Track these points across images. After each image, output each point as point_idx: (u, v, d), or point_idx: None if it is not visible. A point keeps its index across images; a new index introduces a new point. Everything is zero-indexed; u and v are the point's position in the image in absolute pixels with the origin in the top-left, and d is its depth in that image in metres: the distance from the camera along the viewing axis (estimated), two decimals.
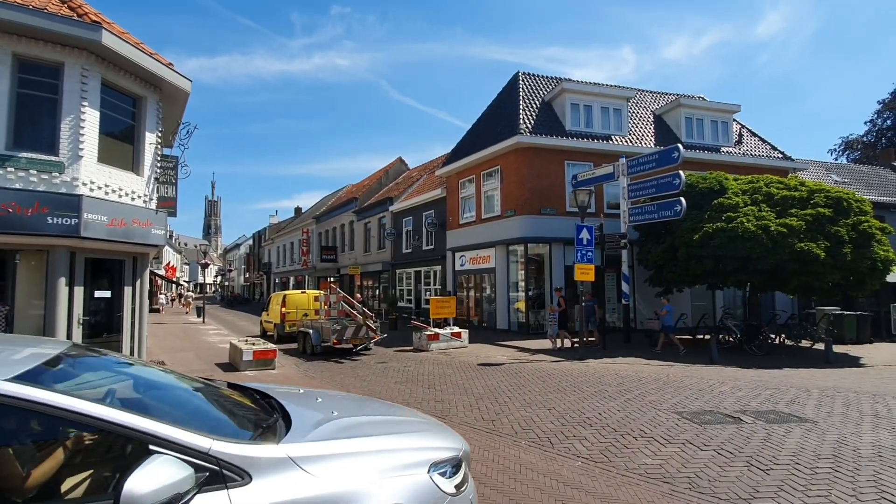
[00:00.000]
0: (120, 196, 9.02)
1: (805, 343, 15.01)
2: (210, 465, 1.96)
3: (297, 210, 54.68)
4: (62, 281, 8.38)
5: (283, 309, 17.24)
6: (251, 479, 2.00)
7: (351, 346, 13.22)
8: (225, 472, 1.97)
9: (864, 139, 40.48)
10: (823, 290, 13.19)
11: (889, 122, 39.38)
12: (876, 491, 4.19)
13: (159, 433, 1.95)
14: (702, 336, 15.08)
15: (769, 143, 21.39)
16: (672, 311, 13.91)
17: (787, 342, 15.15)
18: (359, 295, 17.78)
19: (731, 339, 14.33)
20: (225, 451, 2.01)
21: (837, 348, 13.59)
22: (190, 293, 38.25)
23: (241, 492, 1.97)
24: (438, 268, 22.61)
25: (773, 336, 14.66)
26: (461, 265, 20.56)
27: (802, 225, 12.46)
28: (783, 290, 14.17)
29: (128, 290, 9.75)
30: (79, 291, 8.69)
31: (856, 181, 24.04)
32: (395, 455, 2.45)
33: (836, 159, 40.00)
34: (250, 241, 66.96)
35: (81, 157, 8.29)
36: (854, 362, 12.48)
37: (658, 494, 4.26)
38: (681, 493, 4.26)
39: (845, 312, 16.67)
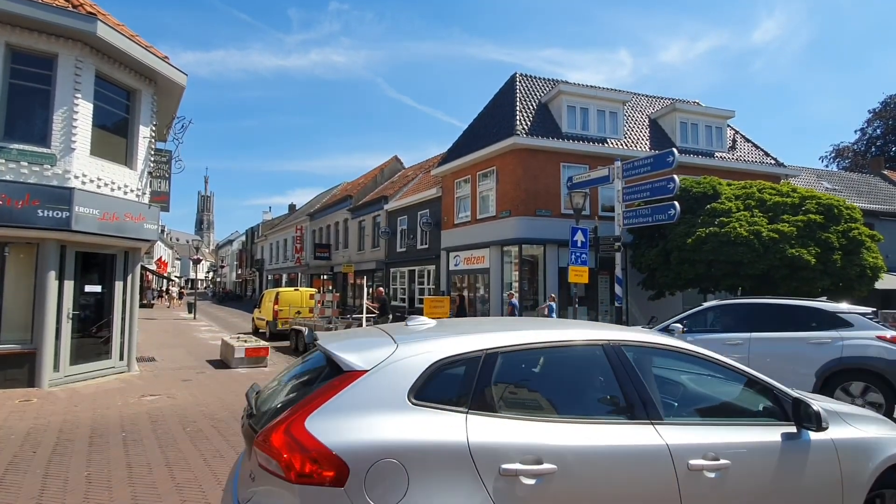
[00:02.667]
0: (112, 190, 8.93)
1: None
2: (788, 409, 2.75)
3: (291, 207, 54.42)
4: (52, 275, 8.28)
5: (276, 306, 17.16)
6: (826, 427, 2.68)
7: None
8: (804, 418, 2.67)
9: (855, 147, 41.01)
10: (813, 295, 13.34)
11: (879, 130, 39.93)
12: None
13: (774, 383, 2.82)
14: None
15: (762, 150, 21.59)
16: (555, 310, 14.39)
17: None
18: (381, 289, 17.67)
19: None
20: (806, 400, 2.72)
21: None
22: (174, 288, 37.69)
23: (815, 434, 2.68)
24: (432, 267, 22.59)
25: None
26: (455, 265, 20.56)
27: (794, 231, 12.60)
28: (774, 296, 14.32)
29: (119, 285, 9.65)
30: (69, 285, 8.60)
31: (846, 188, 24.33)
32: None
33: (827, 166, 40.49)
34: (243, 238, 66.56)
35: (74, 149, 8.20)
36: None
37: None
38: None
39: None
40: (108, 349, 9.46)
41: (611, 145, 18.33)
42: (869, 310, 7.01)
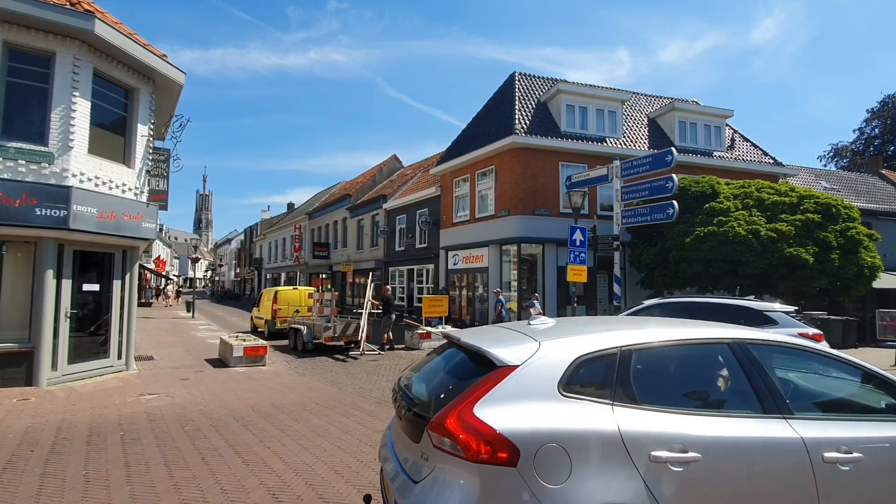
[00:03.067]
0: (110, 188, 8.91)
1: None
2: None
3: (290, 206, 54.35)
4: (50, 273, 8.27)
5: (275, 305, 17.15)
6: None
7: (342, 343, 13.17)
8: None
9: (853, 147, 41.07)
10: (811, 294, 13.38)
11: (877, 130, 39.99)
12: None
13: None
14: None
15: (761, 149, 21.62)
16: (505, 305, 14.77)
17: None
18: (388, 288, 17.60)
19: None
20: None
21: None
22: (171, 286, 37.40)
23: None
24: (431, 266, 22.59)
25: None
26: (454, 264, 20.57)
27: (792, 230, 12.62)
28: (772, 295, 14.33)
29: (117, 284, 9.63)
30: (67, 284, 8.58)
31: (844, 188, 24.38)
32: None
33: (825, 166, 40.56)
34: (241, 237, 66.47)
35: (71, 147, 8.18)
36: None
37: None
38: None
39: (832, 317, 16.90)
40: (106, 348, 9.45)
41: (610, 144, 18.33)
42: (792, 308, 7.36)
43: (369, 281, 14.72)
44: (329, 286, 32.19)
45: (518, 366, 2.42)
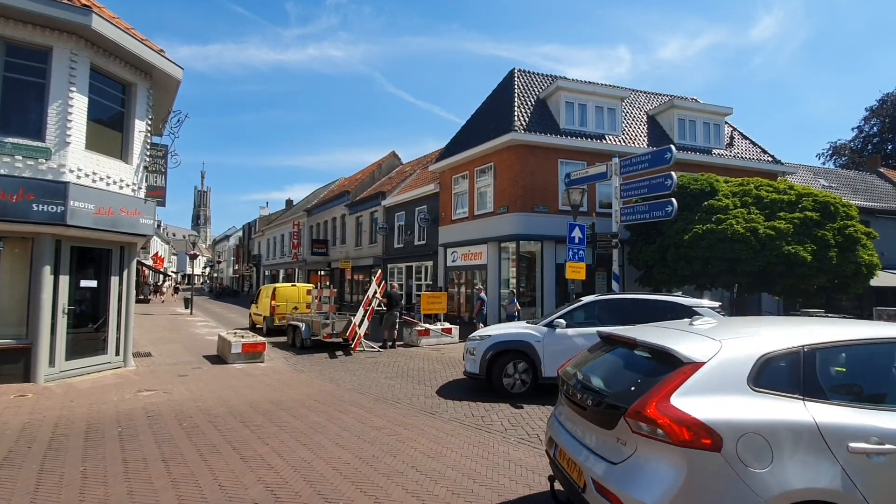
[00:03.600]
0: (108, 184, 8.87)
1: None
2: None
3: (289, 202, 54.23)
4: (47, 269, 8.24)
5: (273, 302, 17.13)
6: None
7: (340, 340, 13.17)
8: None
9: (852, 145, 41.10)
10: (809, 292, 13.40)
11: (876, 128, 40.01)
12: None
13: None
14: None
15: (759, 147, 21.61)
16: (486, 302, 14.99)
17: None
18: (394, 285, 17.54)
19: None
20: None
21: None
22: (169, 282, 37.28)
23: None
24: (430, 263, 22.58)
25: None
26: (453, 261, 20.56)
27: (790, 228, 12.63)
28: (770, 292, 14.37)
29: (115, 280, 9.61)
30: (64, 280, 8.55)
31: (843, 186, 24.40)
32: None
33: (823, 164, 40.58)
34: (240, 233, 66.34)
35: (69, 143, 8.14)
36: None
37: None
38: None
39: (829, 315, 16.95)
40: (104, 344, 9.43)
41: (609, 142, 18.32)
42: (717, 304, 7.87)
43: (374, 277, 14.62)
44: (327, 283, 32.18)
45: (704, 362, 2.73)
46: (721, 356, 2.75)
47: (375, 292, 13.90)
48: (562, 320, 7.76)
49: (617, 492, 2.63)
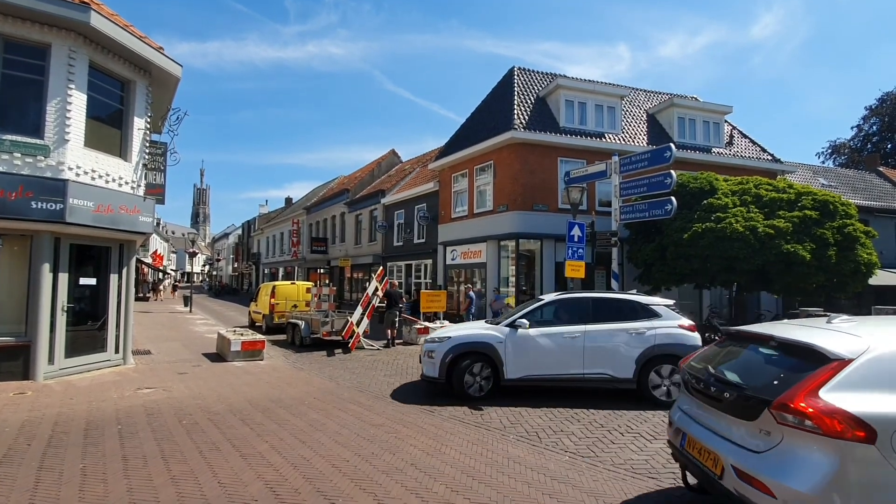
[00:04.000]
0: (107, 182, 8.86)
1: None
2: None
3: (288, 200, 54.18)
4: (46, 267, 8.24)
5: (273, 300, 17.13)
6: None
7: (340, 338, 13.17)
8: None
9: (851, 144, 41.10)
10: (808, 291, 13.42)
11: (875, 127, 40.00)
12: None
13: None
14: None
15: (759, 145, 21.61)
16: (474, 301, 14.98)
17: None
18: (395, 282, 17.43)
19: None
20: None
21: None
22: (167, 280, 37.21)
23: None
24: (429, 261, 22.58)
25: None
26: (452, 259, 20.56)
27: (789, 227, 12.64)
28: (769, 291, 14.38)
29: (114, 278, 9.60)
30: (63, 278, 8.55)
31: (842, 185, 24.42)
32: None
33: (823, 163, 40.59)
34: (239, 231, 66.28)
35: (67, 140, 8.13)
36: None
37: (644, 489, 4.31)
38: (666, 489, 4.32)
39: (828, 314, 16.97)
40: (103, 342, 9.43)
41: (608, 140, 18.31)
42: (671, 302, 7.96)
43: (375, 274, 14.52)
44: (327, 281, 32.12)
45: (852, 360, 2.87)
46: (870, 354, 2.88)
47: (376, 289, 13.82)
48: (525, 320, 7.51)
49: (764, 479, 2.79)
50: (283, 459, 4.86)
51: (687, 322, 7.60)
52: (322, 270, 34.66)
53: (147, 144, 10.08)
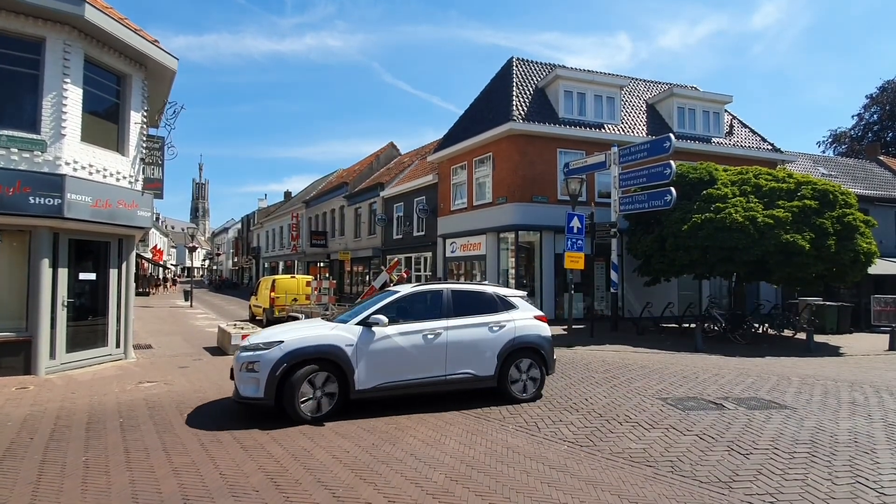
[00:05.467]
0: (104, 176, 8.85)
1: (787, 332, 15.32)
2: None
3: (287, 194, 54.11)
4: (45, 262, 8.25)
5: (273, 293, 17.17)
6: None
7: None
8: None
9: (852, 133, 40.93)
10: (807, 280, 13.43)
11: (876, 116, 39.82)
12: (851, 475, 4.32)
13: None
14: (687, 325, 15.32)
15: (759, 135, 21.54)
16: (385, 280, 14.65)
17: (771, 331, 15.44)
18: (406, 272, 17.23)
19: (715, 328, 14.57)
20: None
21: (818, 338, 13.89)
22: (168, 274, 37.19)
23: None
24: (429, 254, 22.60)
25: (756, 325, 14.93)
26: (452, 252, 20.57)
27: (789, 217, 12.62)
28: (768, 281, 14.40)
29: (113, 273, 9.62)
30: (63, 273, 8.56)
31: (842, 174, 24.36)
32: None
33: (823, 152, 40.46)
34: (239, 225, 66.25)
35: (64, 135, 8.10)
36: (834, 351, 12.77)
37: (641, 478, 4.35)
38: (663, 477, 4.36)
39: (827, 303, 17.00)
40: (104, 337, 9.46)
41: (608, 131, 18.24)
42: (524, 293, 7.68)
43: (387, 266, 13.92)
44: (327, 274, 32.10)
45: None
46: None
47: (385, 284, 13.17)
48: (382, 317, 6.25)
49: None
50: (284, 451, 4.90)
51: (539, 313, 7.35)
52: (322, 264, 34.71)
53: (144, 139, 10.05)
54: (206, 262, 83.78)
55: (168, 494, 3.93)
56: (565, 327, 13.54)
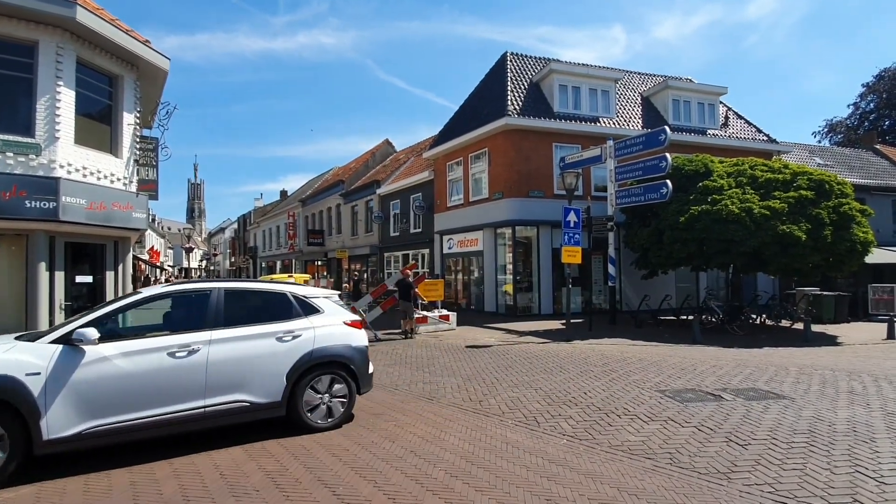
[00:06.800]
0: (98, 178, 8.83)
1: (785, 323, 15.38)
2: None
3: (283, 193, 54.00)
4: (42, 266, 8.23)
5: None
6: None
7: None
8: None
9: (848, 122, 40.99)
10: (804, 271, 13.48)
11: (872, 105, 39.87)
12: (850, 464, 4.35)
13: None
14: (685, 317, 15.37)
15: (755, 126, 21.56)
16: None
17: (768, 322, 15.51)
18: (408, 270, 17.28)
19: (713, 319, 14.62)
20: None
21: (816, 328, 13.95)
22: (163, 277, 37.09)
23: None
24: (426, 251, 22.60)
25: (754, 316, 15.00)
26: (449, 248, 20.58)
27: (785, 207, 12.65)
28: (765, 272, 14.46)
29: (110, 275, 9.60)
30: (60, 276, 8.55)
31: (838, 164, 24.40)
32: None
33: (819, 142, 40.53)
34: (235, 225, 66.13)
35: (58, 138, 8.07)
36: (831, 341, 12.83)
37: (640, 470, 4.37)
38: (662, 468, 4.38)
39: (824, 293, 17.07)
40: None
41: (603, 124, 18.24)
42: (336, 294, 6.25)
43: (402, 269, 14.29)
44: (324, 273, 32.09)
45: None
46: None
47: (402, 283, 13.26)
48: (92, 330, 4.48)
49: None
50: (283, 449, 4.91)
51: (353, 318, 5.99)
52: (319, 262, 34.71)
53: (137, 140, 10.01)
54: (203, 263, 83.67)
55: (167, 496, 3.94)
56: (563, 322, 13.57)
